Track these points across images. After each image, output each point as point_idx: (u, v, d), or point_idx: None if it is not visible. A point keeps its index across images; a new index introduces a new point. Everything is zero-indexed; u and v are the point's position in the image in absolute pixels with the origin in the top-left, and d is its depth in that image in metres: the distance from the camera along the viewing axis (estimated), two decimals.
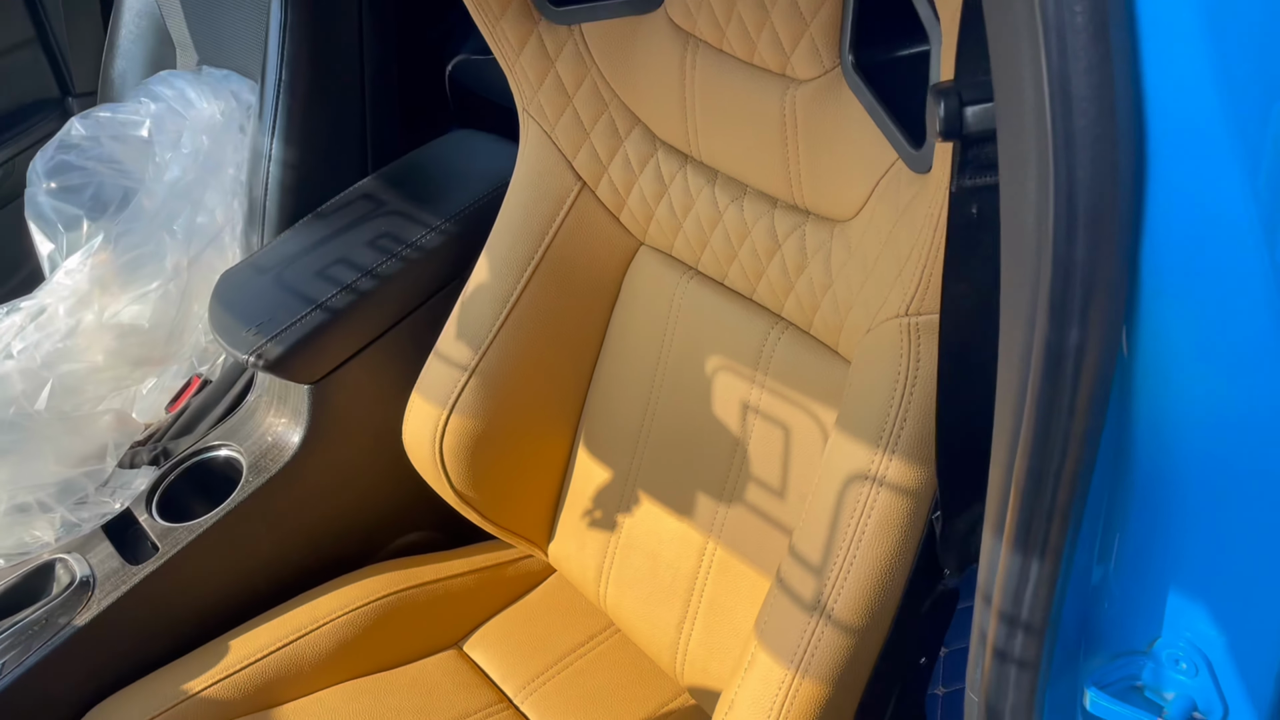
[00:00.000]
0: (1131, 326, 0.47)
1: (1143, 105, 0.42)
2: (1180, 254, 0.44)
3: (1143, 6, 0.41)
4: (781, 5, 0.76)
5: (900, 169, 0.71)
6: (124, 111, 1.31)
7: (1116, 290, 0.45)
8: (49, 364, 1.10)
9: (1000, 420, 0.53)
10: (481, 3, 0.93)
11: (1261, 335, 0.44)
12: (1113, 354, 0.47)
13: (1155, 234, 0.44)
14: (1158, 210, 0.44)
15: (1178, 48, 0.41)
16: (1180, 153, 0.42)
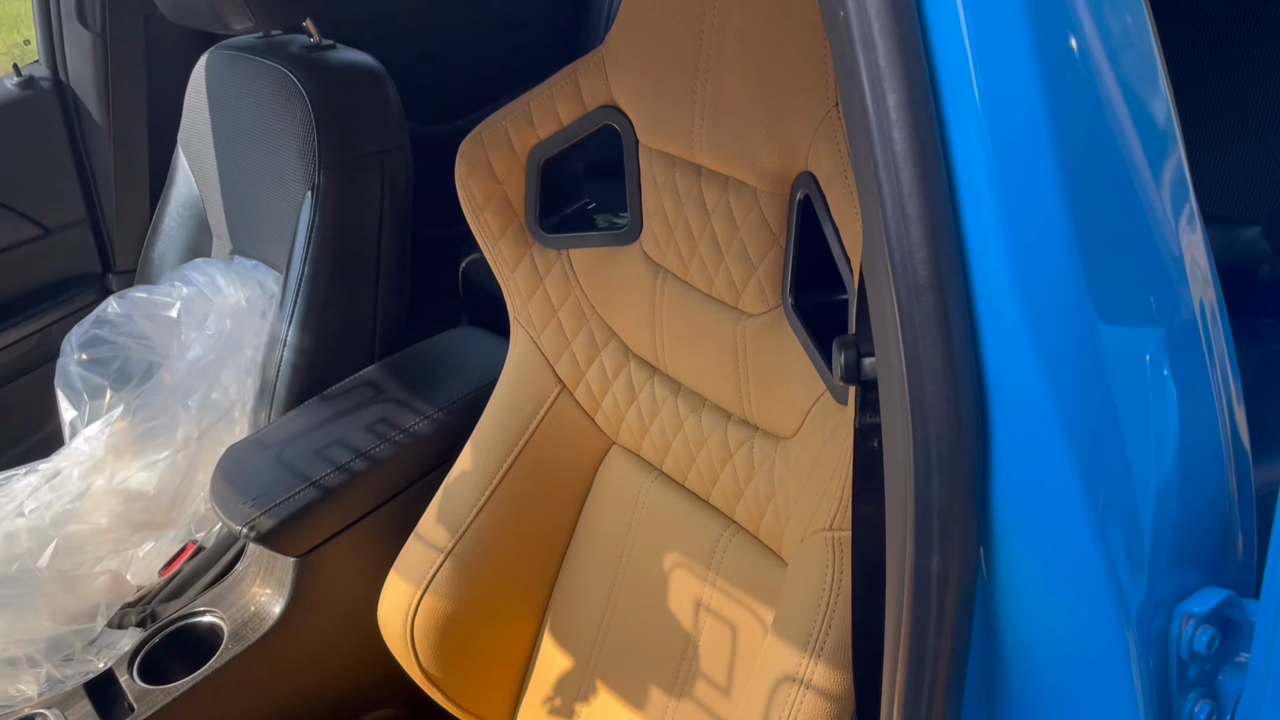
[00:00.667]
0: (988, 555, 0.54)
1: (982, 376, 0.51)
2: (1022, 501, 0.52)
3: (980, 300, 0.50)
4: (734, 251, 0.87)
5: (828, 398, 0.80)
6: (158, 293, 1.44)
7: (969, 525, 0.53)
8: (56, 524, 1.18)
9: (888, 635, 0.60)
10: (483, 226, 1.06)
11: (1087, 570, 0.51)
12: (972, 580, 0.54)
13: (1001, 481, 0.53)
14: (1002, 461, 0.52)
15: (1006, 335, 0.50)
16: (1014, 417, 0.51)
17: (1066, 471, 0.51)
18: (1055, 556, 0.53)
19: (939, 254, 0.49)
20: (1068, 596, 0.53)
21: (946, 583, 0.53)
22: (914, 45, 0.48)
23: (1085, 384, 0.50)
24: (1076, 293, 0.49)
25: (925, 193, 0.49)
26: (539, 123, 1.00)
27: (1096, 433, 0.51)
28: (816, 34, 0.75)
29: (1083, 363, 0.50)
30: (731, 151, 0.83)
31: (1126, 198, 0.51)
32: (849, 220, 0.72)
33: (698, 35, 0.83)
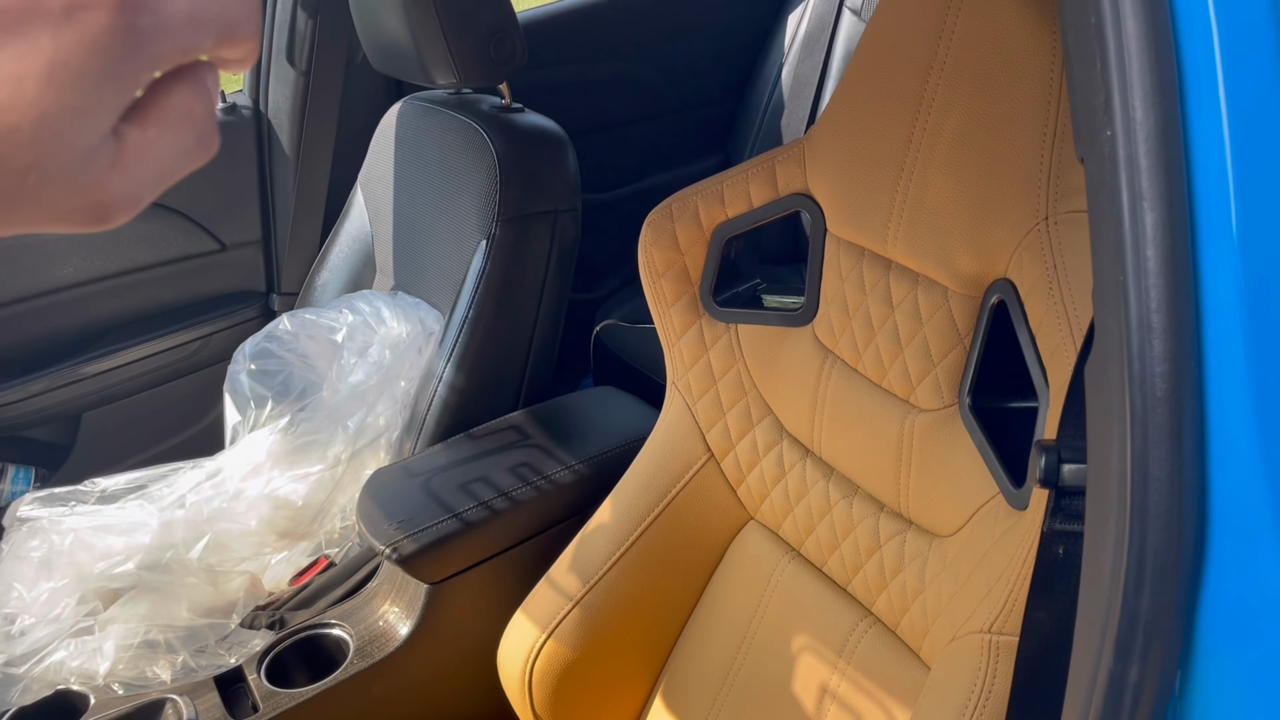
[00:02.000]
0: (1185, 671, 0.55)
1: (1208, 492, 0.52)
2: (1230, 622, 0.53)
3: (1213, 415, 0.52)
4: (915, 345, 0.89)
5: (1000, 501, 0.81)
6: (326, 317, 1.52)
7: (1173, 639, 0.53)
8: (211, 520, 1.24)
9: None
10: (658, 292, 1.10)
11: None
12: (1167, 693, 0.54)
13: (1211, 600, 0.53)
14: (1214, 579, 0.53)
15: (1237, 456, 0.51)
16: (1235, 538, 0.52)
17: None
18: (1256, 686, 0.53)
19: (1181, 369, 0.51)
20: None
21: (1142, 693, 0.54)
22: (1178, 169, 0.51)
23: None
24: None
25: (1173, 310, 0.51)
26: (729, 202, 1.05)
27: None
28: (1032, 147, 0.78)
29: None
30: (927, 250, 0.86)
31: None
32: (1048, 327, 0.74)
33: (908, 137, 0.86)
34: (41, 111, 0.29)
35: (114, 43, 0.29)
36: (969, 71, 0.81)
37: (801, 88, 2.23)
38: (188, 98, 0.33)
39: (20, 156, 0.29)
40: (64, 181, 0.30)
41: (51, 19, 0.28)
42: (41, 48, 0.28)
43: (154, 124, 0.32)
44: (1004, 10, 0.78)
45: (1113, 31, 0.51)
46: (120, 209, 0.32)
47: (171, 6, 0.30)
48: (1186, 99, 0.51)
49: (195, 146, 0.33)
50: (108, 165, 0.31)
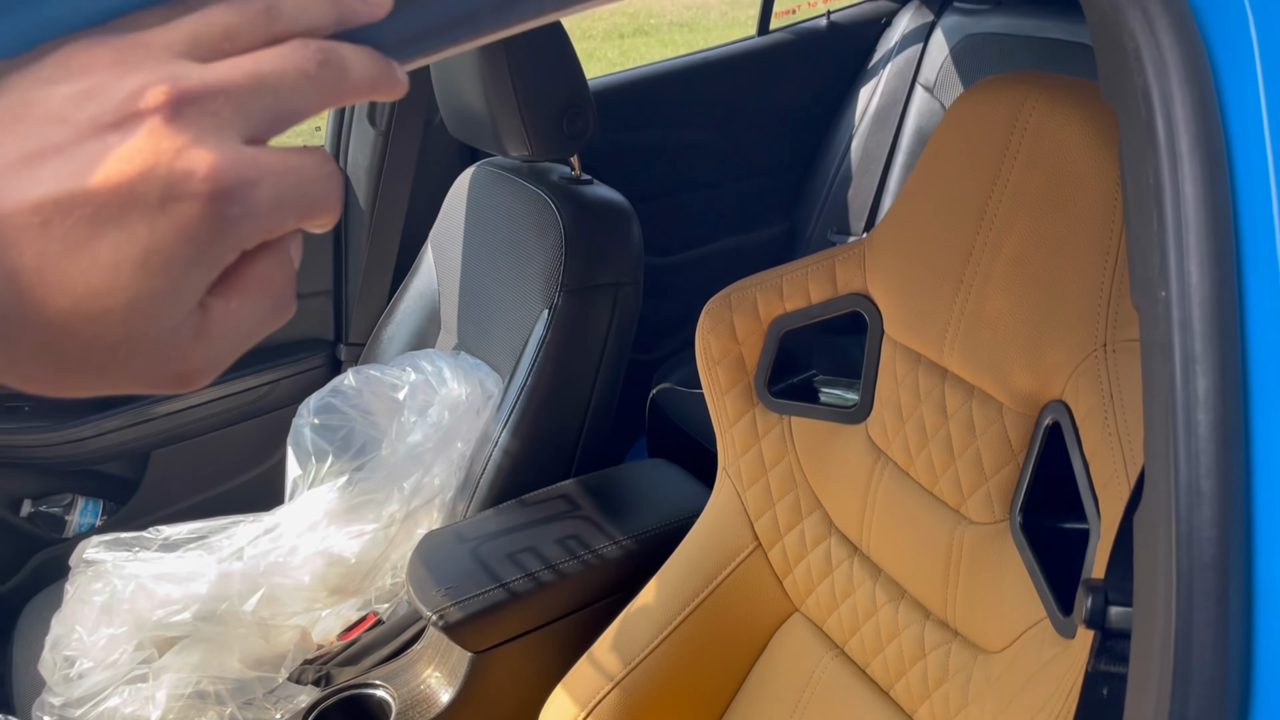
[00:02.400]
0: None
1: (1252, 661, 0.51)
2: None
3: (1260, 584, 0.51)
4: (968, 457, 0.89)
5: (1047, 625, 0.80)
6: (389, 374, 1.55)
7: None
8: (267, 573, 1.27)
9: None
10: (713, 379, 1.11)
11: None
12: None
13: None
14: None
15: None
16: (1278, 709, 0.51)
17: None
18: None
19: (1229, 537, 0.50)
20: None
21: None
22: (1232, 336, 0.51)
23: None
24: None
25: (1223, 476, 0.50)
26: (788, 296, 1.06)
27: None
28: (1093, 272, 0.78)
29: None
30: (982, 364, 0.86)
31: None
32: (1102, 458, 0.74)
33: (969, 250, 0.87)
34: (135, 294, 0.31)
35: (204, 230, 0.31)
36: (1032, 192, 0.82)
37: (870, 161, 2.24)
38: (270, 268, 0.35)
39: (113, 334, 0.31)
40: (152, 354, 0.32)
41: (148, 210, 0.30)
42: (138, 237, 0.30)
43: (237, 295, 0.34)
44: (1070, 135, 0.78)
45: (1171, 194, 0.51)
46: (201, 376, 0.34)
47: (258, 194, 0.32)
48: (1243, 264, 0.51)
49: (273, 313, 0.35)
50: (192, 337, 0.33)
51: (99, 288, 0.30)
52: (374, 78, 0.35)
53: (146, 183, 0.30)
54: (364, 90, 0.35)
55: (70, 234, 0.30)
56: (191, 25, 0.33)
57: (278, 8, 0.34)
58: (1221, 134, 0.52)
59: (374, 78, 0.35)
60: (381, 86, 0.36)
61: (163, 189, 0.30)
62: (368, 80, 0.35)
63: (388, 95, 0.36)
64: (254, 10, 0.34)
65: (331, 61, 0.34)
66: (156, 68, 0.31)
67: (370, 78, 0.35)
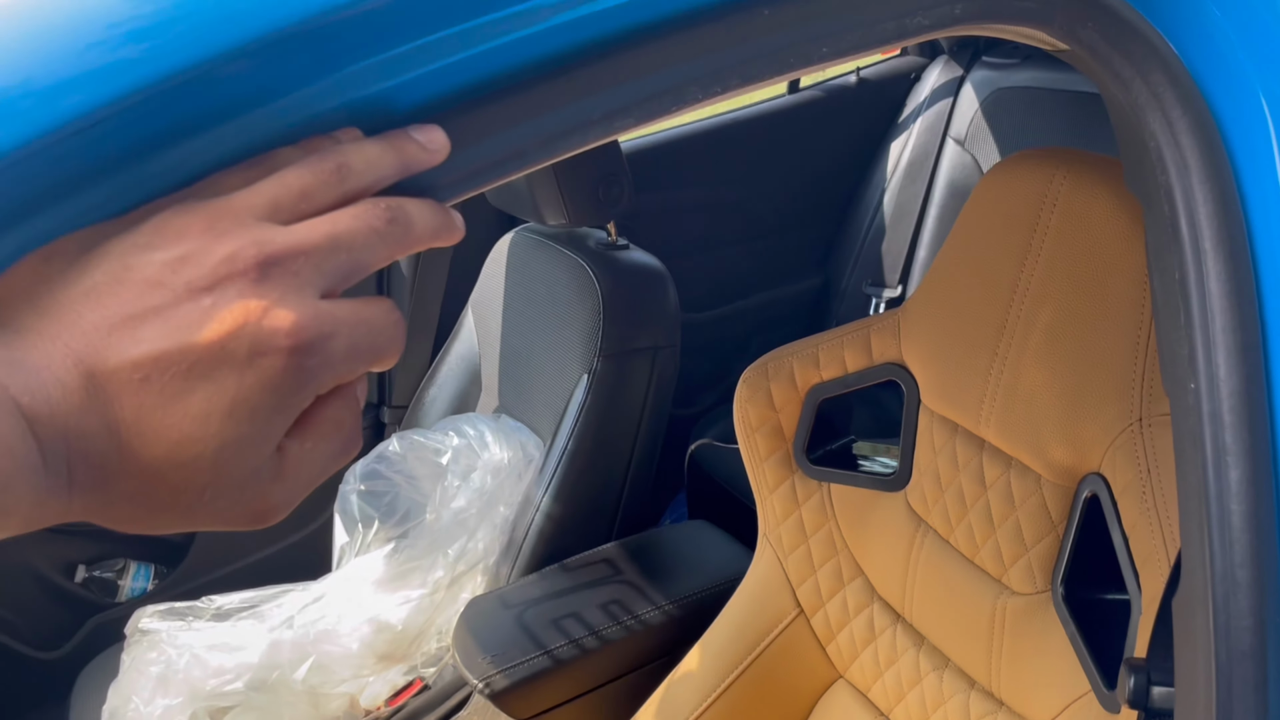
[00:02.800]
0: None
1: None
2: None
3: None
4: (1007, 527, 0.90)
5: (1092, 699, 0.80)
6: (432, 439, 1.58)
7: None
8: (316, 642, 1.30)
9: None
10: (752, 446, 1.13)
11: None
12: None
13: None
14: None
15: None
16: None
17: None
18: None
19: (1266, 624, 0.51)
20: None
21: None
22: (1261, 427, 0.52)
23: None
24: None
25: (1258, 564, 0.51)
26: (824, 365, 1.07)
27: None
28: (1126, 347, 0.79)
29: None
30: (1019, 436, 0.87)
31: None
32: (1141, 533, 0.74)
33: (1002, 322, 0.88)
34: (222, 441, 0.34)
35: (286, 381, 0.34)
36: (1063, 267, 0.83)
37: (903, 215, 2.26)
38: (340, 410, 0.37)
39: (201, 478, 0.34)
40: (235, 495, 0.35)
41: (237, 365, 0.33)
42: (227, 389, 0.33)
43: (311, 437, 0.37)
44: (1098, 214, 0.80)
45: (1196, 289, 0.53)
46: (278, 513, 0.36)
47: (333, 345, 0.35)
48: (1270, 356, 0.52)
49: (343, 451, 0.38)
50: (271, 479, 0.36)
51: (191, 435, 0.33)
52: (436, 228, 0.38)
53: (236, 340, 0.33)
54: (427, 239, 0.38)
55: (167, 388, 0.33)
56: (272, 189, 0.36)
57: (348, 166, 0.37)
58: (1244, 230, 0.53)
59: (436, 228, 0.38)
60: (443, 235, 0.39)
61: (250, 346, 0.33)
62: (430, 230, 0.38)
63: (447, 242, 0.39)
64: (327, 170, 0.37)
65: (399, 219, 0.37)
66: (244, 233, 0.34)
67: (433, 229, 0.38)
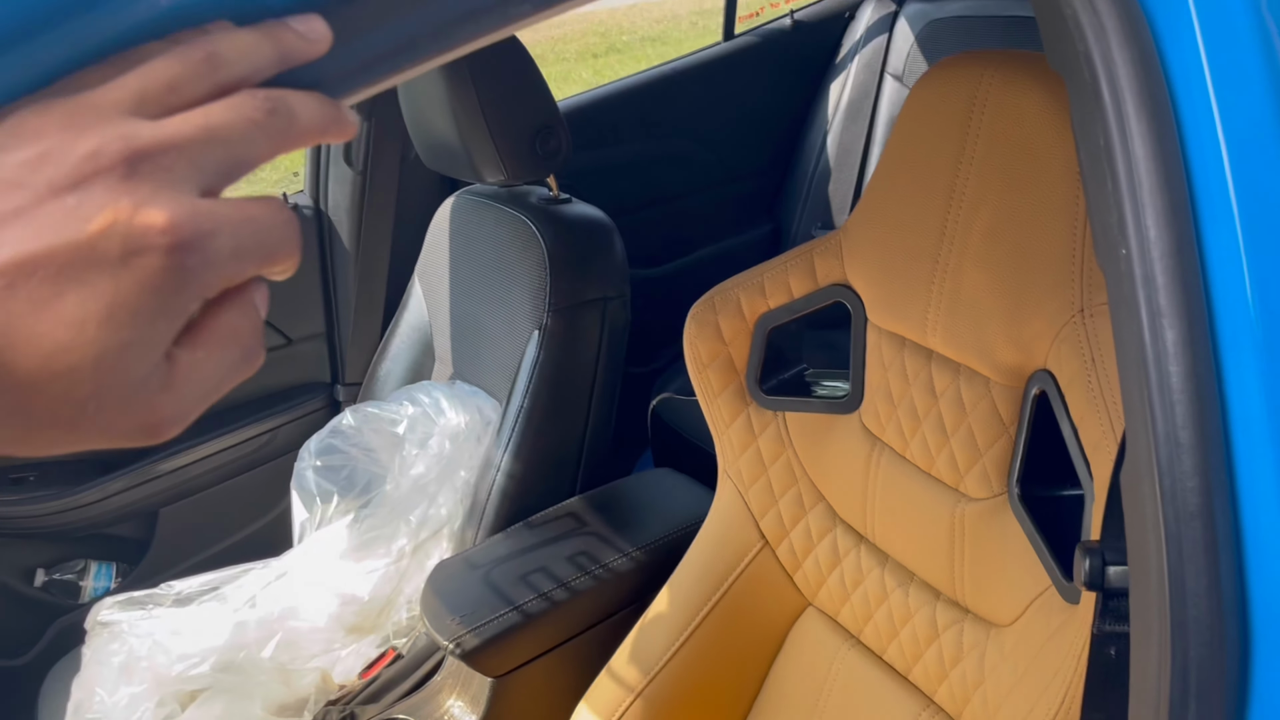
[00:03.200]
0: None
1: (1247, 606, 0.52)
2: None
3: (1248, 529, 0.52)
4: (960, 435, 0.90)
5: (1053, 593, 0.80)
6: (387, 410, 1.56)
7: None
8: (282, 618, 1.28)
9: None
10: (704, 382, 1.12)
11: None
12: None
13: (1258, 710, 0.52)
14: (1260, 690, 0.52)
15: (1274, 564, 0.51)
16: (1278, 651, 0.51)
17: None
18: None
19: (1211, 484, 0.51)
20: None
21: None
22: (1194, 285, 0.51)
23: None
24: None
25: (1199, 426, 0.51)
26: (770, 293, 1.06)
27: None
28: (1063, 239, 0.78)
29: None
30: (966, 342, 0.87)
31: None
32: (1089, 421, 0.74)
33: (941, 229, 0.88)
34: (101, 348, 0.31)
35: (166, 282, 0.32)
36: (997, 167, 0.82)
37: (847, 155, 2.25)
38: (236, 318, 0.35)
39: (81, 389, 0.32)
40: (120, 407, 0.33)
41: (110, 266, 0.31)
42: (102, 293, 0.31)
43: (203, 345, 0.34)
44: (1029, 110, 0.79)
45: (1121, 153, 0.52)
46: (169, 427, 0.34)
47: (216, 244, 0.33)
48: (1199, 215, 0.52)
49: (241, 363, 0.36)
50: (159, 388, 0.33)
51: (66, 344, 0.31)
52: (322, 121, 0.36)
53: (107, 240, 0.31)
54: (313, 134, 0.36)
55: (35, 294, 0.30)
56: (137, 81, 0.33)
57: (219, 55, 0.35)
58: (1165, 90, 0.52)
59: (322, 121, 0.36)
60: (331, 129, 0.37)
61: (123, 245, 0.31)
62: (316, 124, 0.36)
63: (337, 137, 0.37)
64: (196, 60, 0.34)
65: (279, 110, 0.35)
66: (107, 128, 0.32)
67: (319, 122, 0.36)
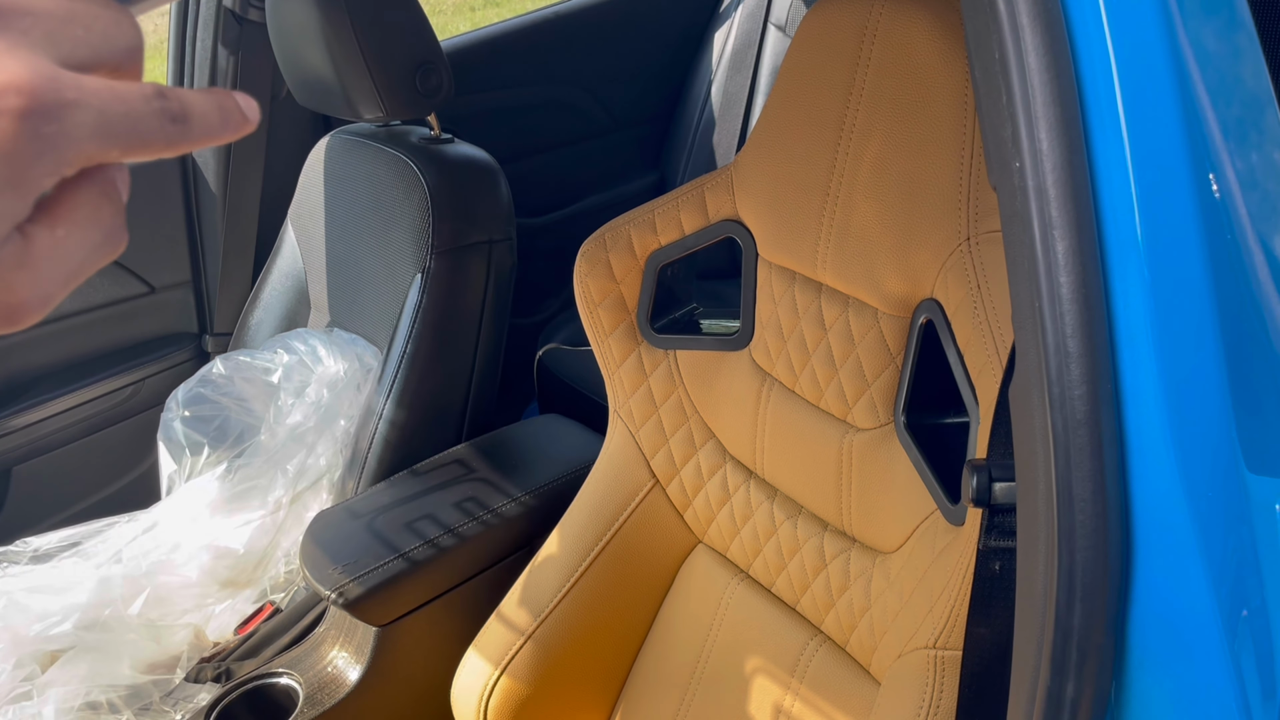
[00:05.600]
0: (1120, 685, 0.56)
1: (1130, 509, 0.54)
2: (1159, 633, 0.54)
3: (1131, 435, 0.53)
4: (849, 366, 0.91)
5: (938, 517, 0.82)
6: (260, 358, 1.49)
7: (1106, 653, 0.55)
8: (150, 574, 1.21)
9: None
10: (595, 322, 1.10)
11: (1219, 704, 0.53)
12: (1103, 705, 0.56)
13: (1140, 612, 0.54)
14: (1142, 593, 0.54)
15: (1156, 473, 0.53)
16: (1158, 551, 0.53)
17: (1206, 609, 0.53)
18: (1188, 690, 0.54)
19: (1097, 391, 0.52)
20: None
21: (1079, 707, 0.55)
22: (1084, 197, 0.52)
23: (1230, 527, 0.53)
24: (1226, 439, 0.52)
25: (1087, 334, 0.52)
26: (661, 230, 1.05)
27: (1239, 574, 0.53)
28: (951, 168, 0.79)
29: (1230, 507, 0.52)
30: (855, 273, 0.88)
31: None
32: (975, 346, 0.76)
33: (831, 162, 0.88)
34: None
35: (18, 149, 0.29)
36: (887, 97, 0.83)
37: (731, 104, 2.25)
38: (96, 197, 0.32)
39: None
40: None
41: None
42: None
43: (62, 224, 0.32)
44: (918, 38, 0.80)
45: (1016, 66, 0.52)
46: (29, 310, 0.31)
47: (78, 116, 0.30)
48: (1090, 129, 0.53)
49: (103, 244, 0.33)
50: (15, 266, 0.30)
51: None
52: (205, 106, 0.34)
53: None
54: None
55: None
56: None
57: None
58: (1059, 2, 0.53)
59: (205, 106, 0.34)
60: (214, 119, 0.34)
61: None
62: None
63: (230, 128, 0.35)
64: None
65: None
66: None
67: None
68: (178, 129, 0.32)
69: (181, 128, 0.32)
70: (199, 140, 0.33)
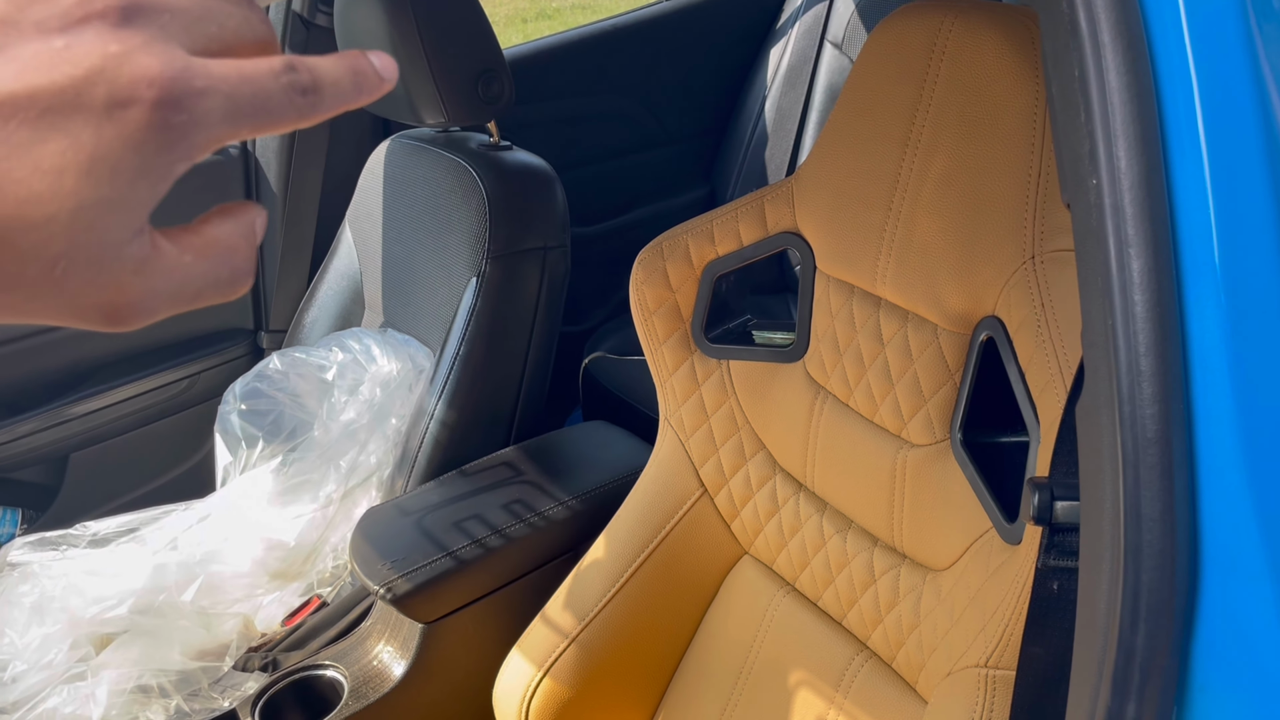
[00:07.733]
0: (1181, 708, 0.55)
1: (1199, 531, 0.53)
2: (1224, 658, 0.54)
3: (1202, 456, 0.53)
4: (906, 382, 0.91)
5: (993, 535, 0.82)
6: (315, 355, 1.52)
7: (1169, 675, 0.54)
8: (203, 562, 1.24)
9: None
10: (650, 329, 1.11)
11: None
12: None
13: (1205, 636, 0.54)
14: (1208, 616, 0.54)
15: (1227, 495, 0.52)
16: (1226, 575, 0.53)
17: (1275, 637, 0.52)
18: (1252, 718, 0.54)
19: (1170, 411, 0.52)
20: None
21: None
22: (1162, 216, 0.52)
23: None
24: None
25: (1161, 352, 0.52)
26: (719, 240, 1.06)
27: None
28: (1017, 186, 0.79)
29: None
30: (915, 288, 0.88)
31: None
32: (1037, 364, 0.76)
33: (895, 177, 0.88)
34: (78, 203, 0.29)
35: (150, 139, 0.30)
36: (954, 115, 0.83)
37: (784, 120, 2.26)
38: (234, 237, 0.34)
39: (53, 246, 0.30)
40: (89, 275, 0.31)
41: (94, 115, 0.29)
42: (83, 143, 0.29)
43: (193, 250, 0.33)
44: (987, 56, 0.80)
45: (1096, 84, 0.53)
46: (135, 314, 0.32)
47: (207, 103, 0.31)
48: (1169, 147, 0.53)
49: (226, 282, 0.34)
50: (132, 269, 0.31)
51: (42, 193, 0.29)
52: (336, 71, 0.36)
53: (92, 86, 0.29)
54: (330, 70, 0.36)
55: (13, 137, 0.29)
56: None
57: None
58: (1140, 22, 0.53)
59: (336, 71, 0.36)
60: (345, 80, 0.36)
61: (109, 94, 0.29)
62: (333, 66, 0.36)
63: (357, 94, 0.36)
64: None
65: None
66: None
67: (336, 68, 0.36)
68: (308, 100, 0.33)
69: (313, 99, 0.33)
70: (332, 108, 0.34)
